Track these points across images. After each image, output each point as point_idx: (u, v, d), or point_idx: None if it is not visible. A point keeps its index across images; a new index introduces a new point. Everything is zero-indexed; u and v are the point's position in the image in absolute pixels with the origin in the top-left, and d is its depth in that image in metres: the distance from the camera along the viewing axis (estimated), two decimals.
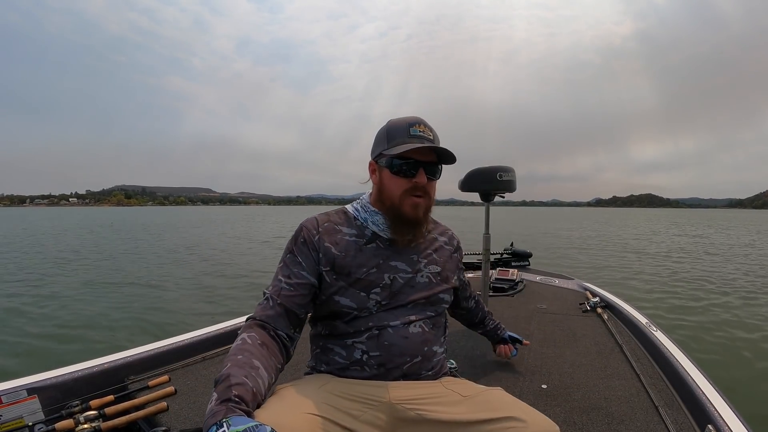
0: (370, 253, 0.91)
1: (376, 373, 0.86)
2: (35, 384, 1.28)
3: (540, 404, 1.40)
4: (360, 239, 0.92)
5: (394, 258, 0.92)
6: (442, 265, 0.99)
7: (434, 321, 0.95)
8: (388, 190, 0.91)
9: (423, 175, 0.88)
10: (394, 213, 0.90)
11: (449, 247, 1.06)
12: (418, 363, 0.88)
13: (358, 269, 0.89)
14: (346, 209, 0.99)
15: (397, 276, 0.91)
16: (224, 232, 20.86)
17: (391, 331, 0.87)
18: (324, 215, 0.97)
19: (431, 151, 0.89)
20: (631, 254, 11.77)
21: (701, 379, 1.36)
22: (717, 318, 4.79)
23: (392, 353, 0.86)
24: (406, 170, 0.88)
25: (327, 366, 0.90)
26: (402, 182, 0.89)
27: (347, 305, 0.87)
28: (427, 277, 0.95)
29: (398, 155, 0.87)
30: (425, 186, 0.90)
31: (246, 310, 2.67)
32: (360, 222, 0.95)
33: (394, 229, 0.91)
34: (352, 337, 0.88)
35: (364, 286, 0.88)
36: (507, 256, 3.98)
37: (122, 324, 4.50)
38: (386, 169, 0.90)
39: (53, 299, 5.63)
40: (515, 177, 2.01)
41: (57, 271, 8.20)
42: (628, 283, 7.02)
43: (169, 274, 7.81)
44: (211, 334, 1.86)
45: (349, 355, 0.87)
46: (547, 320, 2.37)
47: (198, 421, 1.30)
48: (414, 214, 0.90)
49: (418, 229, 0.93)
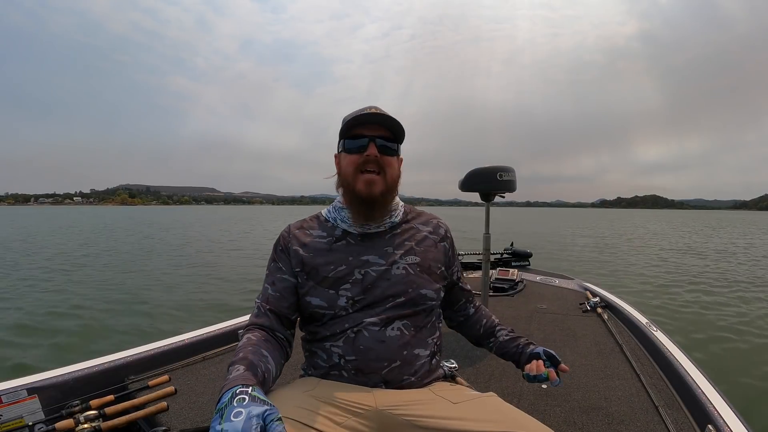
0: (340, 250, 0.90)
1: (355, 379, 0.83)
2: (35, 384, 1.29)
3: (540, 404, 1.40)
4: (330, 239, 0.92)
5: (366, 252, 0.90)
6: (422, 255, 0.92)
7: (417, 321, 0.89)
8: (344, 170, 0.90)
9: (373, 147, 0.87)
10: (350, 194, 0.89)
11: (434, 236, 0.98)
12: (398, 368, 0.84)
13: (326, 267, 0.88)
14: (319, 213, 0.99)
15: (369, 270, 0.88)
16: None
17: (366, 334, 0.83)
18: (298, 222, 0.98)
19: (381, 127, 0.89)
20: (632, 253, 11.78)
21: (701, 379, 1.35)
22: (717, 318, 4.79)
23: (368, 357, 0.83)
24: (358, 145, 0.88)
25: (314, 370, 0.89)
26: (354, 158, 0.88)
27: (318, 305, 0.87)
28: (404, 268, 0.89)
29: (348, 133, 0.89)
30: (379, 160, 0.87)
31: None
32: (331, 223, 0.95)
33: (352, 212, 0.90)
34: (330, 341, 0.86)
35: (331, 283, 0.87)
36: (507, 256, 3.98)
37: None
38: (343, 152, 0.91)
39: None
40: (515, 177, 2.01)
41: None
42: (633, 283, 7.02)
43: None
44: (211, 334, 1.86)
45: (328, 359, 0.86)
46: (547, 320, 2.37)
47: (198, 420, 1.30)
48: (368, 192, 0.87)
49: (376, 210, 0.89)
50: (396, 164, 0.92)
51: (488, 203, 2.12)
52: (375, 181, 0.87)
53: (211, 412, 1.34)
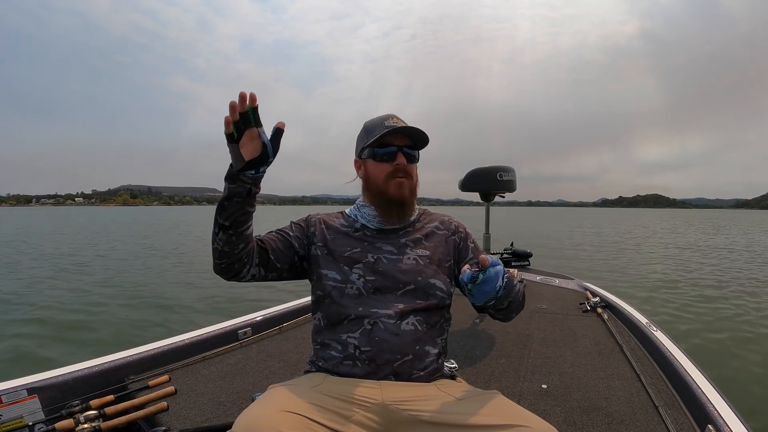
0: (357, 237, 1.01)
1: (368, 369, 0.86)
2: (35, 384, 1.29)
3: (540, 404, 1.40)
4: (349, 228, 1.03)
5: (380, 242, 0.99)
6: (432, 249, 1.00)
7: (429, 318, 0.93)
8: (374, 177, 1.00)
9: (402, 156, 0.98)
10: (381, 197, 0.99)
11: (444, 231, 1.05)
12: (409, 362, 0.88)
13: (343, 248, 0.98)
14: (343, 211, 1.10)
15: (381, 256, 0.97)
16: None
17: (382, 326, 0.88)
18: (326, 214, 1.09)
19: (405, 137, 1.00)
20: (632, 253, 11.78)
21: (701, 379, 1.35)
22: (717, 318, 4.79)
23: (383, 349, 0.87)
24: (387, 155, 0.98)
25: (325, 361, 0.92)
26: (385, 167, 0.99)
27: (332, 277, 0.95)
28: (414, 259, 0.97)
29: (378, 143, 0.98)
30: (406, 168, 0.99)
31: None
32: (352, 218, 1.06)
33: (383, 212, 1.00)
34: (347, 331, 0.90)
35: (347, 261, 0.96)
36: (507, 256, 3.98)
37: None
38: (370, 159, 1.01)
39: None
40: (515, 177, 2.01)
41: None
42: (633, 283, 7.02)
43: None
44: (211, 334, 1.86)
45: (344, 349, 0.89)
46: (547, 320, 2.37)
47: (198, 420, 1.30)
48: (399, 193, 0.98)
49: (406, 208, 1.00)
50: (416, 171, 1.03)
51: (488, 203, 2.12)
52: (405, 184, 0.99)
53: (211, 412, 1.34)
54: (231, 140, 0.78)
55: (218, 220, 0.84)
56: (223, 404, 1.40)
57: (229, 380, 1.58)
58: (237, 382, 1.58)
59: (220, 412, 1.34)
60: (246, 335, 1.99)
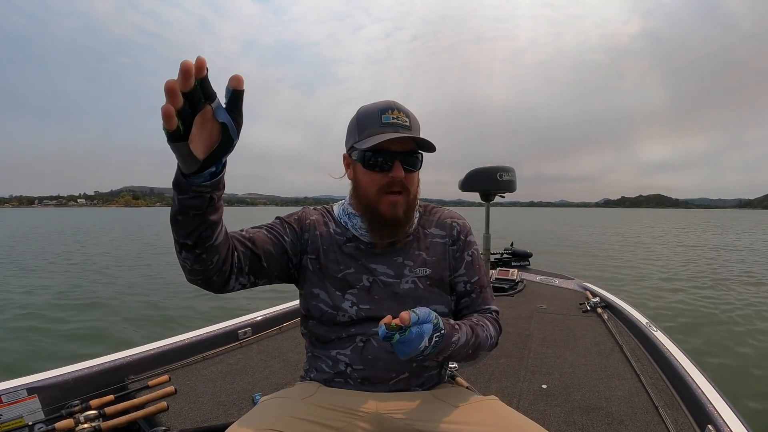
0: (350, 252, 0.85)
1: (361, 388, 0.81)
2: (35, 383, 1.29)
3: (540, 404, 1.40)
4: (342, 238, 0.87)
5: (375, 261, 0.85)
6: (433, 266, 0.86)
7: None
8: (363, 188, 0.82)
9: (400, 168, 0.78)
10: (371, 214, 0.82)
11: (444, 239, 0.89)
12: (405, 379, 0.82)
13: (336, 266, 0.84)
14: (332, 208, 0.93)
15: (377, 279, 0.84)
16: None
17: (375, 344, 0.80)
18: (317, 209, 0.94)
19: (408, 139, 0.79)
20: (632, 253, 11.77)
21: (701, 379, 1.35)
22: (717, 318, 4.79)
23: (377, 368, 0.80)
24: (381, 163, 0.78)
25: (317, 373, 0.86)
26: (377, 177, 0.80)
27: (323, 299, 0.83)
28: (413, 282, 0.84)
29: (370, 148, 0.77)
30: (403, 180, 0.79)
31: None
32: (343, 225, 0.89)
33: (373, 232, 0.83)
34: (336, 348, 0.83)
35: (339, 285, 0.83)
36: (507, 256, 3.98)
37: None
38: (359, 163, 0.81)
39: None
40: (516, 177, 2.01)
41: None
42: (633, 283, 7.01)
43: None
44: (210, 334, 1.86)
45: (334, 366, 0.83)
46: (547, 320, 2.37)
47: (198, 420, 1.30)
48: (392, 214, 0.80)
49: (399, 231, 0.83)
50: (417, 177, 0.84)
51: (488, 203, 2.13)
52: (399, 203, 0.81)
53: (211, 412, 1.34)
54: (176, 138, 0.53)
55: (176, 238, 0.65)
56: (223, 404, 1.40)
57: (229, 380, 1.58)
58: (237, 382, 1.58)
59: (220, 412, 1.34)
60: (246, 335, 1.99)
